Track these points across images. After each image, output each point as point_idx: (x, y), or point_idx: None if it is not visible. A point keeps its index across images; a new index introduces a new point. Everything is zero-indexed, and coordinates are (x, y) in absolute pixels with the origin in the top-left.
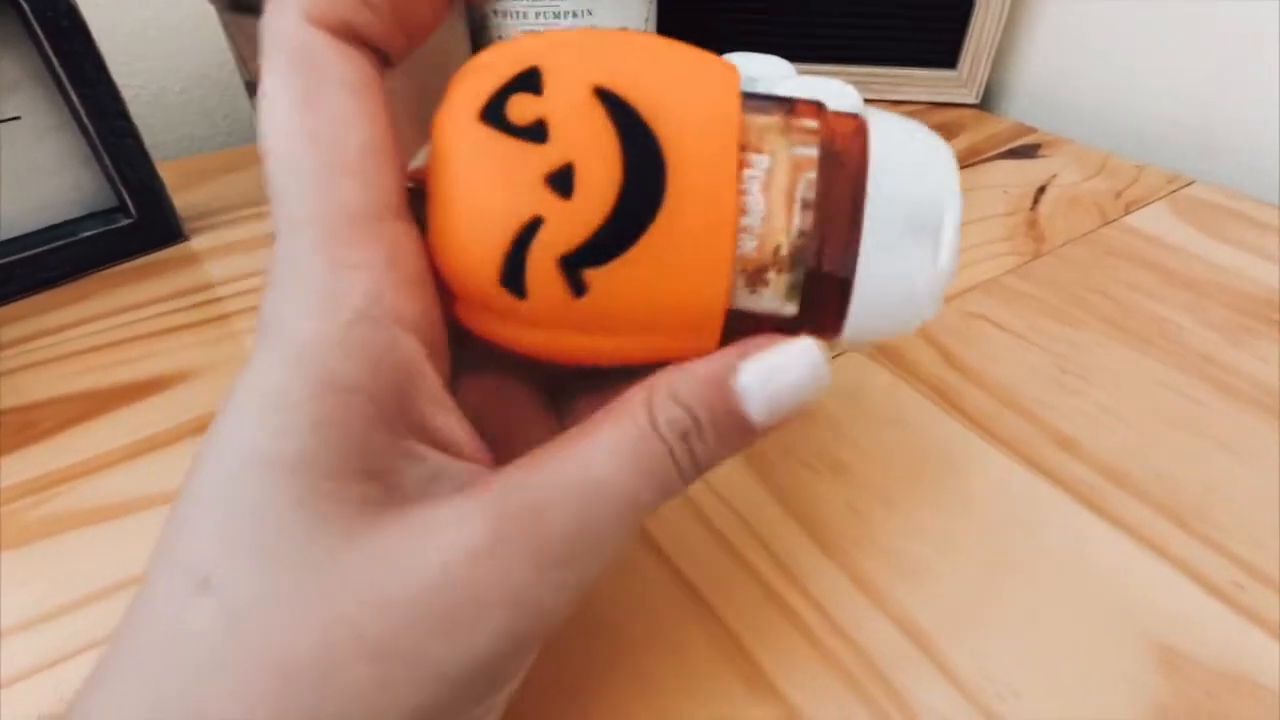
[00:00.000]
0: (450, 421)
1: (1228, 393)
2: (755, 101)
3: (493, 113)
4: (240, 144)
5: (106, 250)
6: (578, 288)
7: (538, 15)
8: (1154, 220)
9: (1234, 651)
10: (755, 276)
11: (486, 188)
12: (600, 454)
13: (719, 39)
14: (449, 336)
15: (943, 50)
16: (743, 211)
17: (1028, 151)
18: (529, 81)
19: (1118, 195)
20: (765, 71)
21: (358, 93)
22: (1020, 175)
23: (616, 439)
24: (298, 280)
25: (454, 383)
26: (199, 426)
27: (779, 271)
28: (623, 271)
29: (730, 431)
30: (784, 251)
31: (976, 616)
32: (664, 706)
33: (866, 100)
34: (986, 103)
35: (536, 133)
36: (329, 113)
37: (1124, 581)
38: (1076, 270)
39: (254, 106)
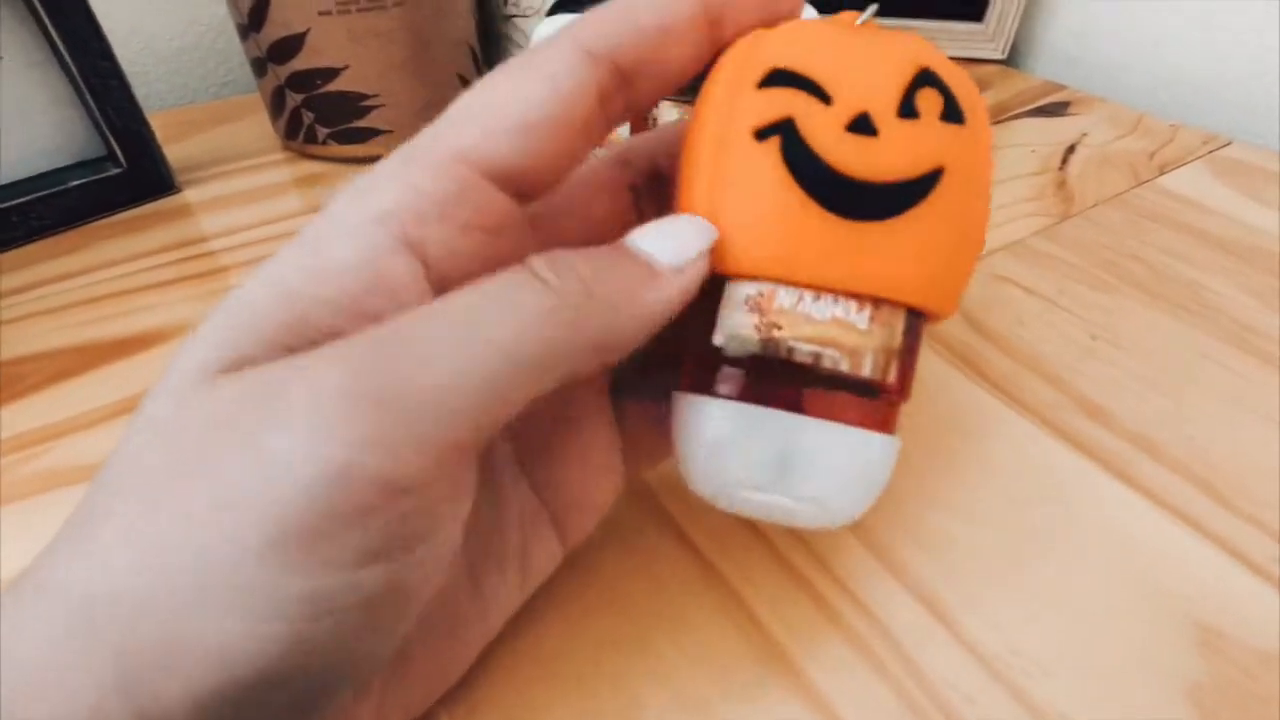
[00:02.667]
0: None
1: (1268, 361)
2: None
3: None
4: (235, 94)
5: (96, 200)
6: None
7: None
8: (1190, 182)
9: (1274, 629)
10: (753, 305)
11: None
12: (474, 299)
13: None
14: None
15: (969, 2)
16: (818, 294)
17: (1056, 109)
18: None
19: (1151, 156)
20: None
21: (553, 83)
22: (1049, 134)
23: (490, 286)
24: (370, 176)
25: None
26: None
27: (756, 330)
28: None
29: (629, 269)
30: (776, 335)
31: (1001, 591)
32: (679, 685)
33: None
34: (1014, 59)
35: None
36: (515, 87)
37: (1156, 556)
38: (1107, 233)
39: (246, 51)
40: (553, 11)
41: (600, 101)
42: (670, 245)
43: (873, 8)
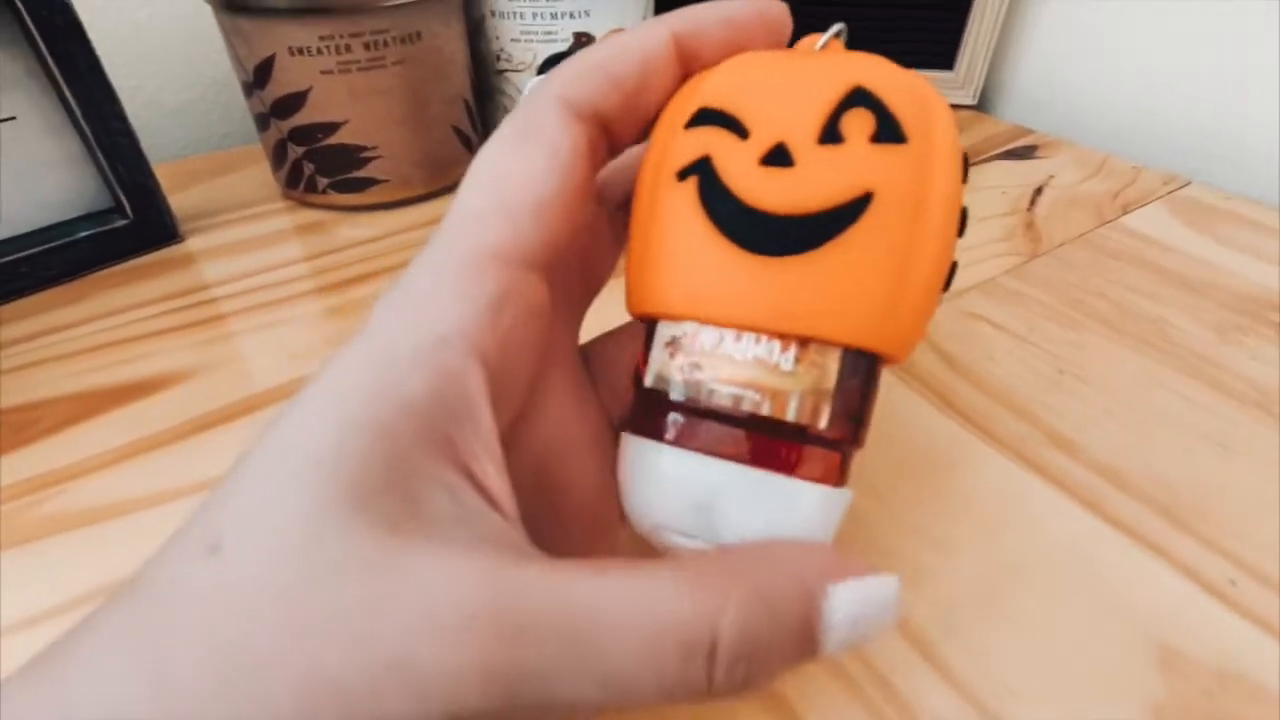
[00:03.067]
0: (490, 471)
1: (1224, 392)
2: None
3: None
4: (235, 145)
5: (103, 251)
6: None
7: (535, 15)
8: (1151, 221)
9: (1231, 650)
10: (673, 345)
11: None
12: (632, 641)
13: None
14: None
15: (940, 51)
16: (738, 334)
17: (1025, 153)
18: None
19: (1115, 196)
20: None
21: (556, 155)
22: (1018, 176)
23: (660, 625)
24: (407, 289)
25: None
26: (195, 428)
27: (677, 371)
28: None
29: (792, 657)
30: (695, 377)
31: (974, 616)
32: None
33: None
34: (984, 104)
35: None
36: (523, 165)
37: (1122, 581)
38: (1074, 271)
39: (250, 107)
40: (543, 69)
41: (591, 156)
42: (847, 640)
43: (835, 28)
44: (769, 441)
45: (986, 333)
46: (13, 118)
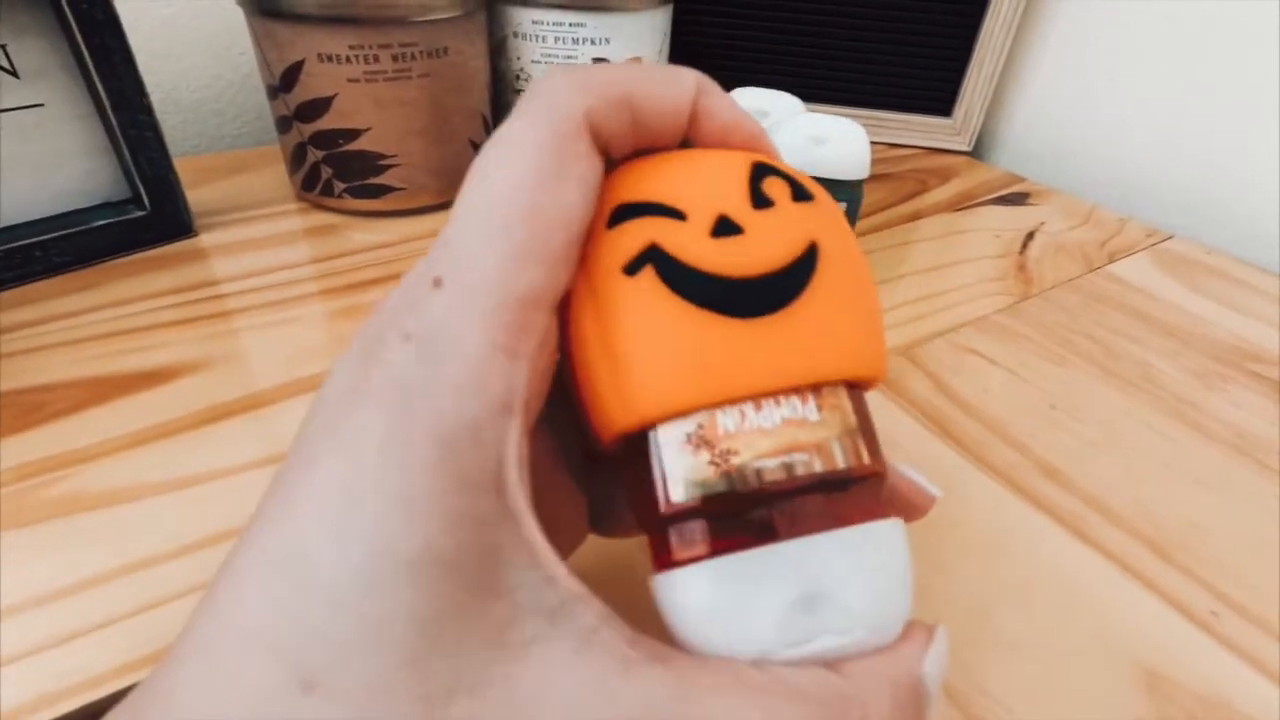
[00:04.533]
0: (543, 540)
1: (1205, 435)
2: None
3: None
4: (247, 145)
5: (118, 240)
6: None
7: (557, 40)
8: (1136, 270)
9: (1213, 677)
10: (694, 442)
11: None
12: None
13: (728, 75)
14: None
15: (939, 99)
16: (757, 402)
17: (1017, 199)
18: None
19: (1102, 245)
20: (777, 105)
21: (590, 191)
22: (1010, 221)
23: None
24: (450, 351)
25: None
26: (201, 420)
27: (713, 467)
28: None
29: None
30: (735, 461)
31: (967, 636)
32: None
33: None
34: (978, 151)
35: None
36: (561, 199)
37: (1108, 607)
38: (1064, 313)
39: (273, 109)
40: None
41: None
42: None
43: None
44: (840, 497)
45: (982, 366)
46: (40, 104)
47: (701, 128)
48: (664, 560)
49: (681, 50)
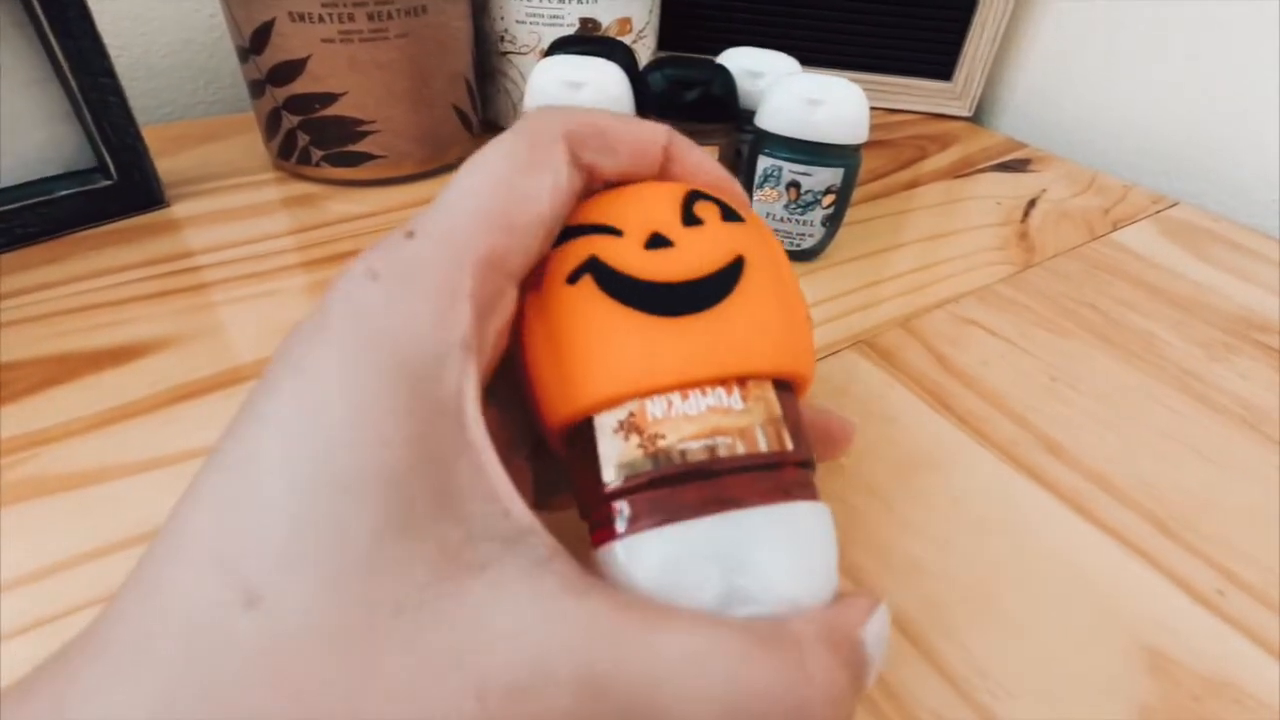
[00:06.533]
0: (502, 472)
1: (1211, 407)
2: None
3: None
4: (222, 113)
5: (84, 211)
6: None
7: None
8: (1140, 238)
9: (1218, 656)
10: (625, 428)
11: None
12: (709, 703)
13: (720, 35)
14: None
15: (939, 63)
16: (684, 392)
17: (1018, 165)
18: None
19: (1105, 212)
20: (771, 66)
21: (559, 186)
22: (1011, 188)
23: (741, 687)
24: (417, 288)
25: None
26: (173, 398)
27: (641, 450)
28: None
29: (855, 700)
30: (661, 445)
31: (967, 614)
32: None
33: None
34: (979, 116)
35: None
36: (531, 183)
37: (1110, 585)
38: (1066, 282)
39: (245, 73)
40: (550, 52)
41: (575, 200)
42: (880, 658)
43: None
44: (761, 476)
45: (981, 338)
46: None
47: (672, 171)
48: (603, 535)
49: (673, 9)
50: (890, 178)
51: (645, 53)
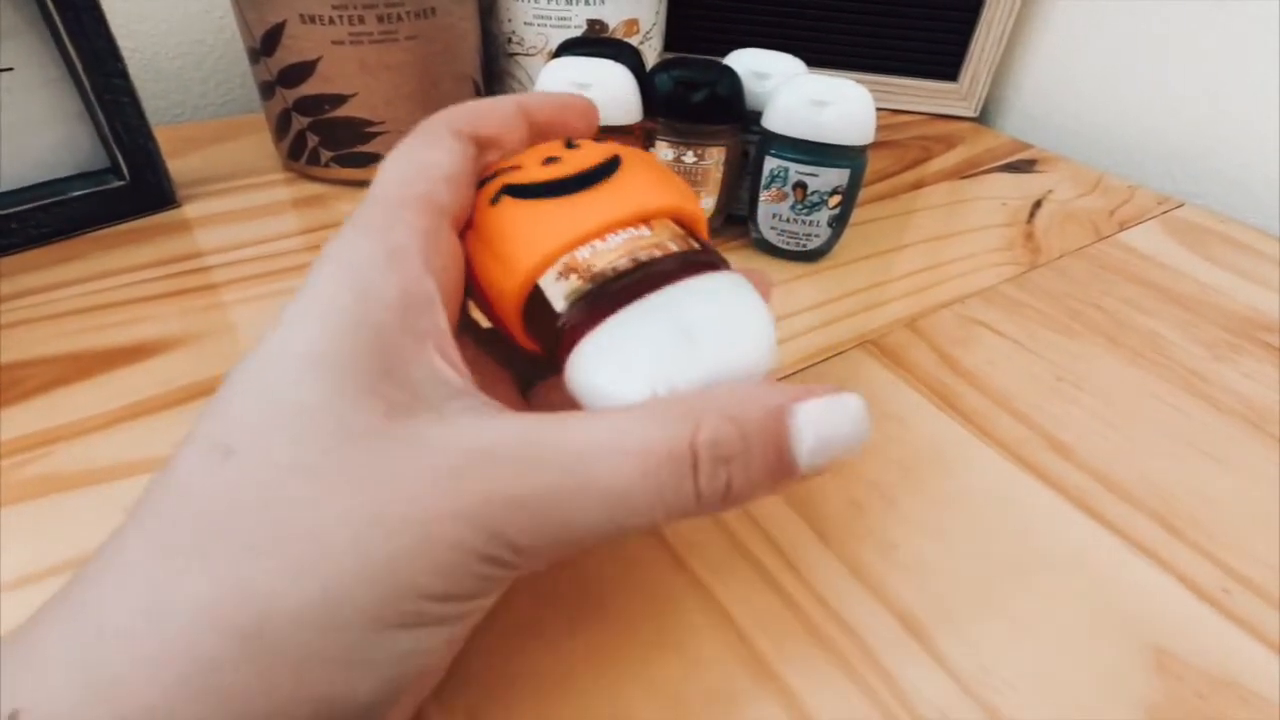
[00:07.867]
0: (456, 355)
1: (1216, 407)
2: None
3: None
4: (233, 114)
5: (97, 211)
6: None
7: (550, 0)
8: (1146, 239)
9: (1223, 655)
10: (563, 273)
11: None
12: (625, 457)
13: (727, 37)
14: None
15: (945, 64)
16: (601, 236)
17: (1024, 166)
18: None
19: (1111, 213)
20: (777, 67)
21: (453, 150)
22: (1017, 189)
23: (647, 442)
24: (365, 218)
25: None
26: (185, 396)
27: (579, 279)
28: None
29: (770, 468)
30: (594, 270)
31: (973, 611)
32: (666, 692)
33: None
34: (985, 117)
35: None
36: (430, 152)
37: (1116, 583)
38: (1072, 283)
39: (256, 75)
40: (557, 54)
41: (472, 158)
42: (821, 452)
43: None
44: (678, 260)
45: (988, 338)
46: (10, 69)
47: (537, 118)
48: (567, 350)
49: (679, 10)
50: (896, 178)
51: (652, 54)
